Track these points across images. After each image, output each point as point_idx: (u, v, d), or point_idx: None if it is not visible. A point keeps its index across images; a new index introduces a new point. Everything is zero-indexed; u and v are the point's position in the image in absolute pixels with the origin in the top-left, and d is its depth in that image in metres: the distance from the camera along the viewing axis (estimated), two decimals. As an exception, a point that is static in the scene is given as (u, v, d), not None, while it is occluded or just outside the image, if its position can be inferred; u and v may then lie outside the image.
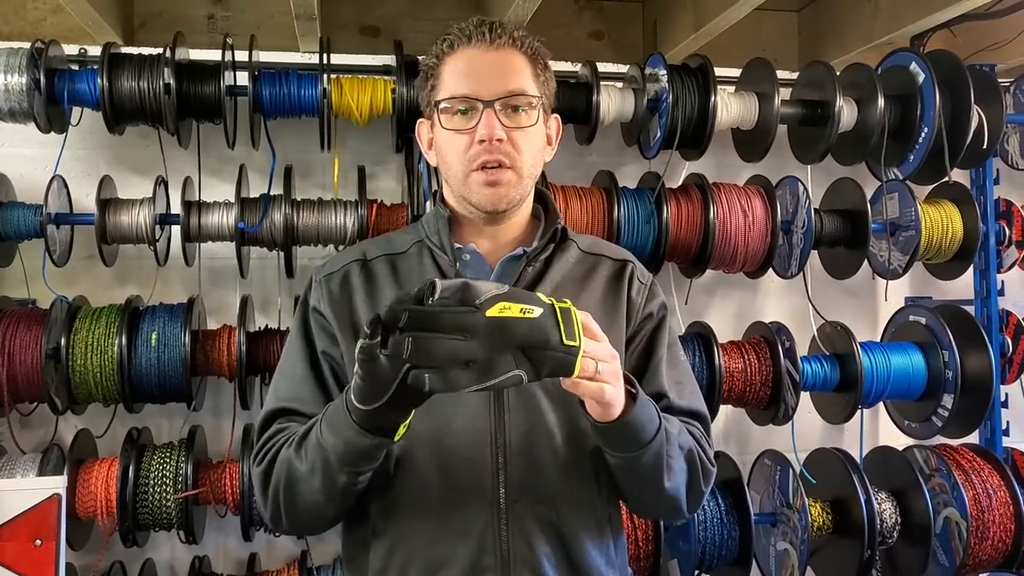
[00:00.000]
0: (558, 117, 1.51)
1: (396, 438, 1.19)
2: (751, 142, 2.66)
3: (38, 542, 1.95)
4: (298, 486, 1.29)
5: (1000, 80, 2.82)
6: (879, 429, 3.03)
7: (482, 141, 1.35)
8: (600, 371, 1.14)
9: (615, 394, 1.18)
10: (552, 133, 1.49)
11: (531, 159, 1.41)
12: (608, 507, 1.46)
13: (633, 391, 1.25)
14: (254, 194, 2.48)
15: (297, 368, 1.42)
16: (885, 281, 2.79)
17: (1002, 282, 2.97)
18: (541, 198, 1.53)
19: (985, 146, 2.71)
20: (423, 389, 1.03)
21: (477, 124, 1.36)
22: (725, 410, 2.83)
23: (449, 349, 1.01)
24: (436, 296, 1.02)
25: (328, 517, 1.36)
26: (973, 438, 2.86)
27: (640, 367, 1.47)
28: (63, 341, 2.25)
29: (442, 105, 1.39)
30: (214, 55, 2.40)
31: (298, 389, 1.40)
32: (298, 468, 1.27)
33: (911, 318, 2.77)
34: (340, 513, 1.36)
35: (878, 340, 2.87)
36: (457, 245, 1.44)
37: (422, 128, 1.49)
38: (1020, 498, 2.58)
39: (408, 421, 1.18)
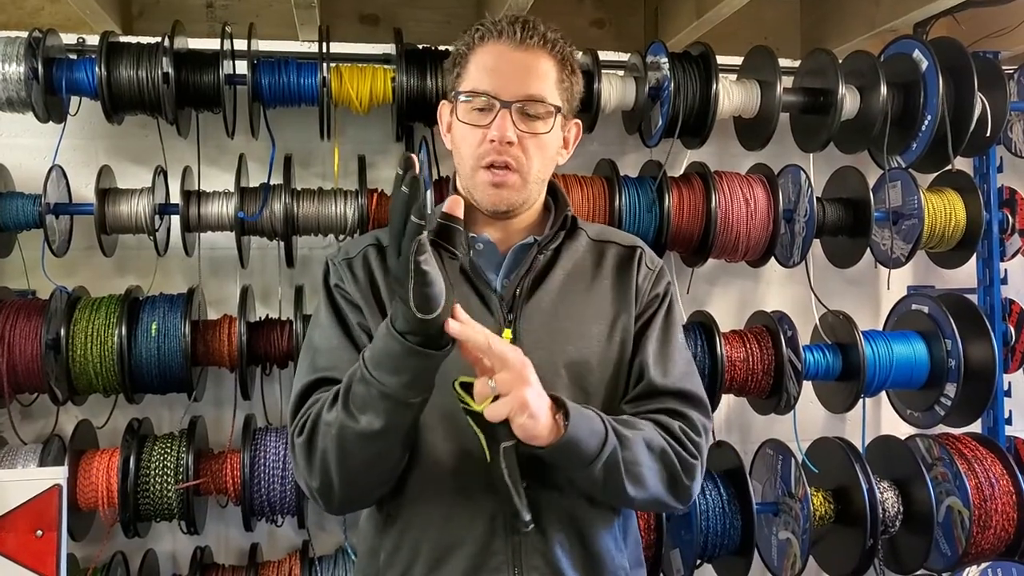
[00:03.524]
0: (579, 122, 1.52)
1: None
2: (753, 130, 2.65)
3: (39, 533, 1.95)
4: (355, 445, 1.27)
5: (1004, 67, 2.81)
6: (881, 418, 3.02)
7: (492, 140, 1.36)
8: (494, 387, 1.20)
9: (515, 406, 1.20)
10: (570, 137, 1.50)
11: (539, 165, 1.42)
12: None
13: (565, 411, 1.26)
14: (254, 183, 2.47)
15: (332, 340, 1.41)
16: (888, 270, 2.78)
17: (1005, 271, 2.96)
18: (551, 188, 1.53)
19: (988, 134, 2.69)
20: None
21: (491, 122, 1.36)
22: (727, 399, 2.82)
23: None
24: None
25: (385, 473, 1.34)
26: (976, 427, 2.85)
27: (635, 343, 1.48)
28: (63, 332, 2.25)
29: (462, 97, 1.40)
30: (213, 44, 2.38)
31: (336, 358, 1.39)
32: (353, 426, 1.25)
33: (913, 307, 2.76)
34: (396, 469, 1.35)
35: (880, 329, 2.86)
36: (471, 234, 1.45)
37: (443, 110, 1.50)
38: (1023, 487, 2.57)
39: None
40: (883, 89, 2.52)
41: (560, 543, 1.39)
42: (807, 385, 2.68)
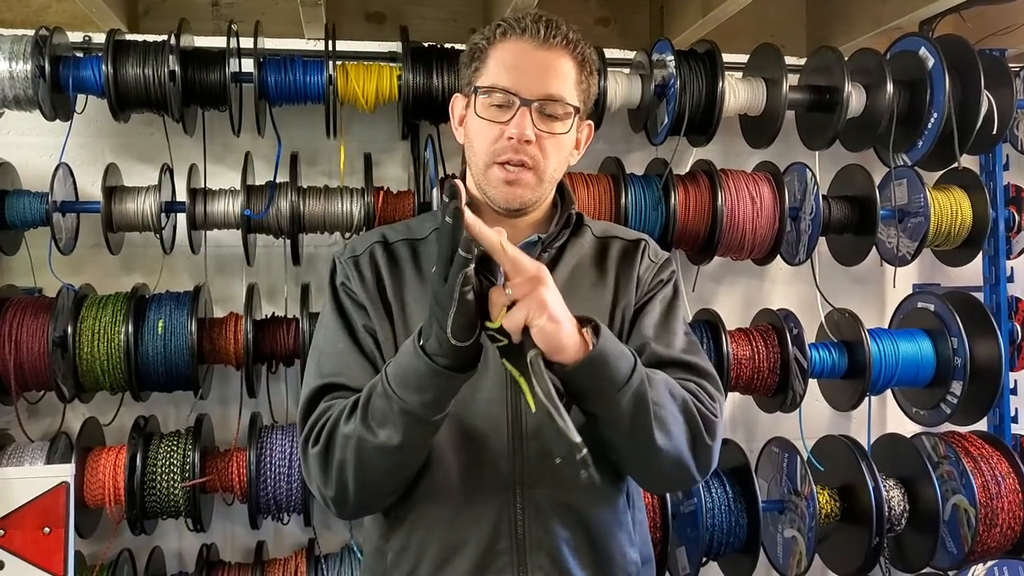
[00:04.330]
0: (591, 124, 1.51)
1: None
2: (759, 128, 2.64)
3: (47, 530, 1.96)
4: (372, 458, 1.27)
5: (1010, 65, 2.80)
6: (887, 416, 3.02)
7: (511, 138, 1.35)
8: (511, 293, 1.17)
9: (535, 311, 1.16)
10: (582, 138, 1.49)
11: (555, 164, 1.41)
12: (626, 485, 1.47)
13: (594, 328, 1.23)
14: (260, 181, 2.47)
15: (339, 344, 1.41)
16: (893, 268, 2.77)
17: (1011, 269, 2.96)
18: (558, 186, 1.53)
19: (995, 131, 2.69)
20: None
21: (510, 120, 1.35)
22: (732, 397, 2.82)
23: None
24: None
25: (399, 483, 1.35)
26: (982, 425, 2.84)
27: (634, 324, 1.47)
28: (70, 329, 2.25)
29: (481, 92, 1.38)
30: (219, 42, 2.39)
31: (343, 363, 1.39)
32: (371, 440, 1.25)
33: (919, 305, 2.76)
34: (409, 479, 1.35)
35: (886, 327, 2.86)
36: None
37: (456, 103, 1.49)
38: (1029, 485, 2.57)
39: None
40: (889, 87, 2.51)
41: (567, 541, 1.39)
42: (813, 383, 2.67)
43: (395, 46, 2.51)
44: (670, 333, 1.45)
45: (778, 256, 2.64)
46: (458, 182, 1.12)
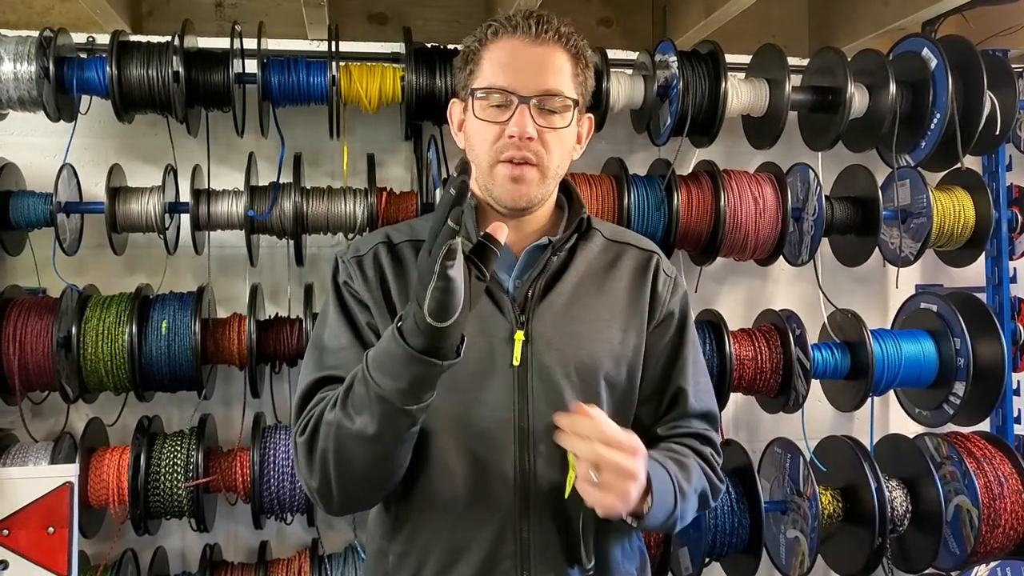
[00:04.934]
0: (591, 117, 1.51)
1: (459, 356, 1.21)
2: (761, 129, 2.64)
3: (51, 530, 1.97)
4: (351, 447, 1.25)
5: (1013, 65, 2.80)
6: (890, 417, 3.02)
7: (512, 136, 1.35)
8: (598, 480, 1.22)
9: (611, 506, 1.23)
10: (583, 132, 1.49)
11: (558, 160, 1.41)
12: None
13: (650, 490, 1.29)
14: (263, 182, 2.48)
15: (342, 339, 1.40)
16: (896, 268, 2.77)
17: (1014, 269, 2.96)
18: (565, 187, 1.53)
19: (998, 132, 2.69)
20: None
21: (510, 118, 1.35)
22: (735, 398, 2.82)
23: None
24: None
25: (384, 478, 1.33)
26: (984, 426, 2.85)
27: (667, 363, 1.50)
28: (74, 330, 2.25)
29: (478, 94, 1.38)
30: (222, 43, 2.39)
31: (344, 357, 1.37)
32: (349, 427, 1.24)
33: (922, 305, 2.76)
34: (395, 474, 1.33)
35: (889, 327, 2.86)
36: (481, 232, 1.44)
37: (454, 108, 1.49)
38: (1032, 486, 2.57)
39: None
40: (892, 87, 2.52)
41: (568, 549, 1.40)
42: (815, 384, 2.68)
43: (398, 47, 2.52)
44: (696, 384, 1.51)
45: (781, 257, 2.64)
46: (471, 162, 1.12)
